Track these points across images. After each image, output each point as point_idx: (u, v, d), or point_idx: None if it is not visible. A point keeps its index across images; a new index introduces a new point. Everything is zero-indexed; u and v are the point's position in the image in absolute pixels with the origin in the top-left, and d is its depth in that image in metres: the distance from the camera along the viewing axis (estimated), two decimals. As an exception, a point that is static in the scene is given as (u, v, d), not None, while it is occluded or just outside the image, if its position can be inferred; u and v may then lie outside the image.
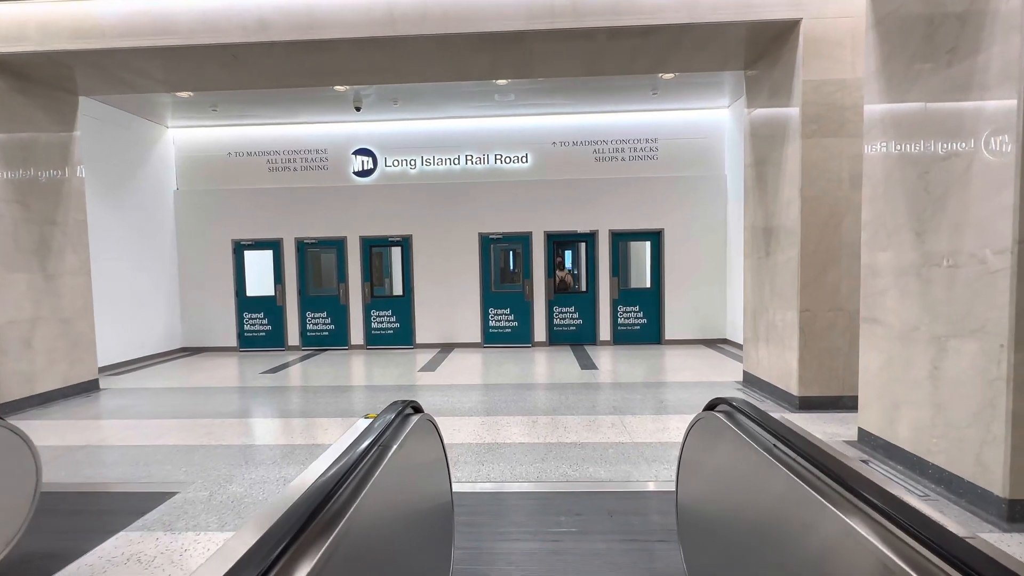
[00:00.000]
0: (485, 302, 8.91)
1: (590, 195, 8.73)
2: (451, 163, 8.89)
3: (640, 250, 9.06)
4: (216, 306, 9.10)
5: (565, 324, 9.00)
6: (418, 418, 2.00)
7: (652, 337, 8.90)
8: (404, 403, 1.98)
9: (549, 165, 8.79)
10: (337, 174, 8.99)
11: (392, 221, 8.91)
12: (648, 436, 4.18)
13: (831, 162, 4.65)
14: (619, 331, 8.91)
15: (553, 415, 4.82)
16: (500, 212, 8.80)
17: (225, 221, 9.04)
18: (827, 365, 4.75)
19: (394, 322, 9.04)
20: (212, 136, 9.01)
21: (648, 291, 8.92)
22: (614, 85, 7.32)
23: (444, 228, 8.87)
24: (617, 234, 8.80)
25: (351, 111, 8.19)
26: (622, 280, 8.92)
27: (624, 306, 8.90)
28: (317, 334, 9.13)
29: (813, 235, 4.69)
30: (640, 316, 8.91)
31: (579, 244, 9.02)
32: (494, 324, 8.94)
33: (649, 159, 8.73)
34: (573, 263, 9.23)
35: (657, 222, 8.72)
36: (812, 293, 4.71)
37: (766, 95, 5.30)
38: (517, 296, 8.91)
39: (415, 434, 1.90)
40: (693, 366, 7.02)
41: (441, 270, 8.90)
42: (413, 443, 1.86)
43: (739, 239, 8.00)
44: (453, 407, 5.17)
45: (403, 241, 8.95)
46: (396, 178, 8.95)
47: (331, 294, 9.12)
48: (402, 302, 9.02)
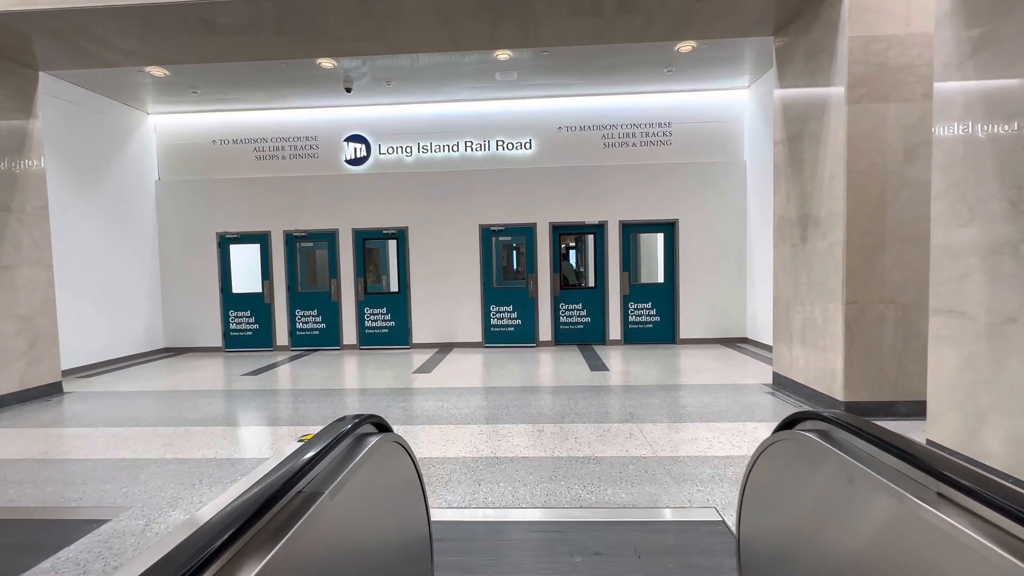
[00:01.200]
0: (486, 299, 8.33)
1: (598, 184, 8.13)
2: (449, 150, 8.31)
3: (653, 243, 8.45)
4: (200, 304, 8.55)
5: (572, 322, 8.40)
6: (378, 440, 1.41)
7: (666, 336, 8.28)
8: (357, 420, 1.39)
9: (554, 152, 8.20)
10: (328, 162, 8.43)
11: (387, 213, 8.34)
12: (672, 448, 3.57)
13: (882, 131, 4.03)
14: (630, 329, 8.30)
15: (561, 423, 4.21)
16: (502, 202, 8.22)
17: (210, 213, 8.49)
18: (877, 366, 4.12)
19: (389, 321, 8.46)
20: (195, 123, 8.47)
21: (661, 287, 8.30)
22: (625, 61, 6.72)
23: (442, 220, 8.29)
24: (628, 225, 8.20)
25: (342, 94, 7.63)
26: (633, 275, 8.31)
27: (635, 303, 8.29)
28: (307, 333, 8.56)
29: (861, 216, 4.07)
30: (653, 313, 8.29)
31: (587, 236, 8.42)
32: (496, 322, 8.35)
33: (662, 144, 8.12)
34: (580, 257, 8.63)
35: (671, 212, 8.11)
36: (860, 283, 4.09)
37: (802, 60, 4.68)
38: (520, 292, 8.31)
39: (371, 463, 1.31)
40: (713, 367, 6.39)
41: (439, 265, 8.32)
42: (366, 477, 1.27)
43: (760, 230, 7.38)
44: (449, 413, 4.58)
45: (398, 234, 8.37)
46: (391, 166, 8.37)
47: (322, 291, 8.55)
48: (398, 299, 8.44)
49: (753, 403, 4.68)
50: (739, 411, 4.43)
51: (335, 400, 5.19)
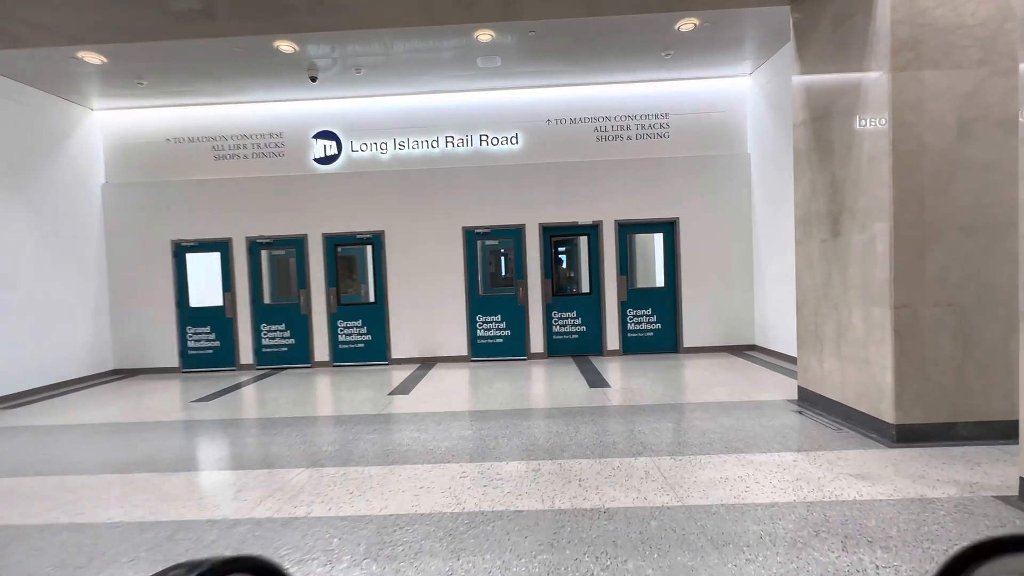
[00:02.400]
0: (472, 308, 7.60)
1: (592, 181, 7.48)
2: (429, 146, 7.60)
3: (651, 244, 7.81)
4: (154, 320, 7.69)
5: (566, 332, 7.70)
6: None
7: (668, 345, 7.61)
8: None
9: (543, 147, 7.54)
10: (295, 161, 7.67)
11: (361, 215, 7.59)
12: (701, 493, 2.87)
13: (932, 103, 3.41)
14: (629, 339, 7.62)
15: (561, 458, 3.49)
16: (487, 202, 7.52)
17: (163, 219, 7.66)
18: (934, 380, 3.48)
19: (365, 334, 7.68)
20: (146, 119, 7.66)
21: (662, 291, 7.65)
22: (620, 44, 6.09)
23: (422, 222, 7.56)
24: (624, 225, 7.54)
25: (309, 86, 6.89)
26: (631, 279, 7.65)
27: (634, 309, 7.62)
28: (274, 350, 7.74)
29: (910, 203, 3.44)
30: (653, 320, 7.63)
31: (580, 238, 7.75)
32: (483, 334, 7.61)
33: (659, 137, 7.50)
34: (573, 261, 7.95)
35: (670, 210, 7.47)
36: (910, 283, 3.45)
37: (828, 27, 4.07)
38: (509, 300, 7.60)
39: None
40: (725, 380, 5.73)
41: (419, 272, 7.58)
42: None
43: (767, 227, 6.77)
44: (426, 447, 3.83)
45: (374, 239, 7.62)
46: (364, 165, 7.64)
47: (290, 303, 7.75)
48: (374, 310, 7.67)
49: (783, 426, 4.00)
50: (769, 437, 3.75)
51: (293, 433, 4.41)
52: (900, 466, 3.12)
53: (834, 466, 3.17)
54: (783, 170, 6.33)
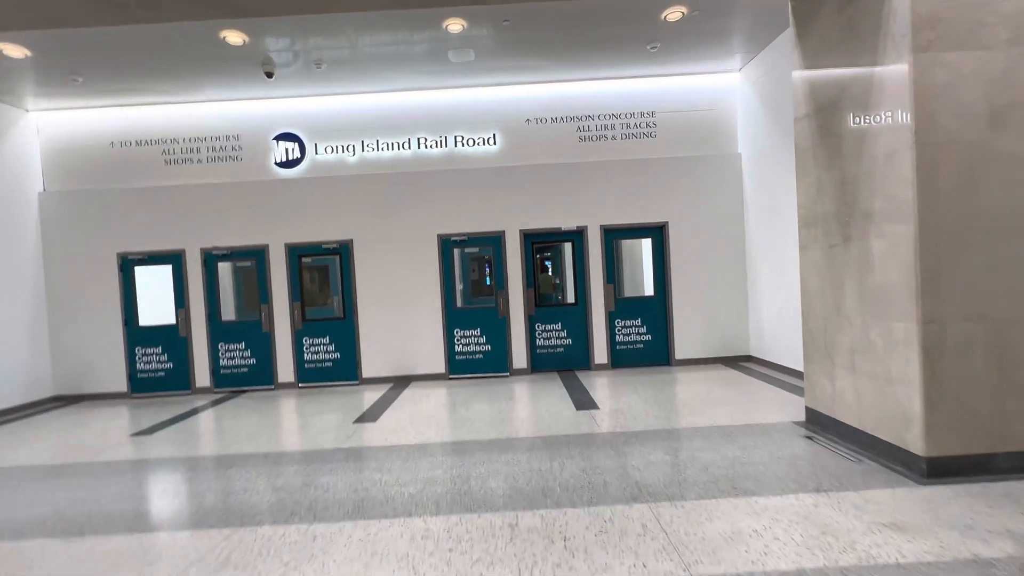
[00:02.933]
0: (449, 322, 7.05)
1: (575, 183, 7.01)
2: (399, 148, 7.06)
3: (639, 250, 7.36)
4: (99, 340, 7.00)
5: (551, 345, 7.19)
6: None
7: (659, 357, 7.15)
8: None
9: (523, 148, 7.05)
10: (254, 166, 7.07)
11: (327, 223, 7.01)
12: (711, 558, 2.36)
13: (959, 89, 3.00)
14: (618, 351, 7.14)
15: (543, 507, 2.97)
16: (464, 208, 7.00)
17: (109, 230, 6.99)
18: (967, 405, 3.04)
19: (333, 352, 7.08)
20: (89, 121, 7.00)
21: (651, 300, 7.19)
22: (603, 35, 5.64)
23: (394, 230, 7.01)
24: (610, 231, 7.08)
25: (267, 83, 6.32)
26: (619, 288, 7.18)
27: (623, 320, 7.15)
28: (234, 371, 7.09)
29: (939, 203, 3.01)
30: (643, 332, 7.16)
31: (564, 245, 7.27)
32: (461, 349, 7.07)
33: (645, 137, 7.08)
34: (557, 270, 7.47)
35: (658, 214, 7.04)
36: (939, 293, 3.02)
37: (834, 8, 3.65)
38: (489, 313, 7.07)
39: None
40: (724, 397, 5.27)
41: (391, 284, 7.02)
42: None
43: (761, 231, 6.36)
44: (386, 495, 3.27)
45: (341, 249, 7.04)
46: (330, 169, 7.07)
47: (251, 320, 7.12)
48: (342, 326, 7.08)
49: (794, 457, 3.54)
50: (782, 473, 3.28)
51: (237, 476, 3.81)
52: (940, 511, 2.66)
53: (863, 512, 2.69)
54: (777, 170, 5.93)
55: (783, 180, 5.80)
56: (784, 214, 5.80)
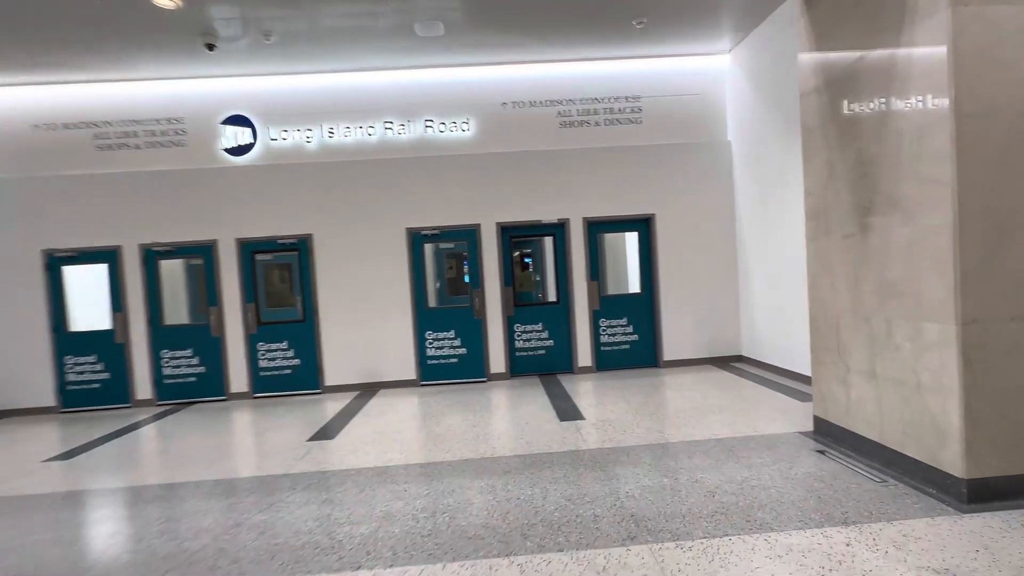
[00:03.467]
0: (420, 323, 6.47)
1: (556, 173, 6.50)
2: (364, 133, 6.44)
3: (624, 245, 6.90)
4: (21, 349, 6.20)
5: (531, 348, 6.68)
6: None
7: (647, 358, 6.70)
8: None
9: (499, 134, 6.51)
10: (200, 152, 6.35)
11: (283, 217, 6.35)
12: (734, 619, 1.87)
13: (1002, 49, 2.57)
14: (603, 352, 6.67)
15: (521, 552, 2.44)
16: (435, 199, 6.42)
17: (31, 224, 6.19)
18: (1011, 418, 2.62)
19: (292, 358, 6.43)
20: (6, 100, 6.18)
21: (638, 298, 6.74)
22: (585, 10, 5.13)
23: (358, 224, 6.39)
24: (594, 223, 6.60)
25: (212, 59, 5.63)
26: (603, 285, 6.71)
27: (608, 319, 6.68)
28: (179, 381, 6.38)
29: (981, 184, 2.58)
30: (630, 331, 6.70)
31: (544, 240, 6.75)
32: (434, 353, 6.50)
33: (630, 123, 6.61)
34: (538, 266, 6.95)
35: (645, 205, 6.58)
36: (980, 290, 2.59)
37: (850, -36, 3.20)
38: (464, 313, 6.51)
39: None
40: (719, 404, 4.83)
41: (356, 282, 6.40)
42: None
43: (752, 222, 5.96)
44: (332, 537, 2.70)
45: (300, 244, 6.39)
46: (286, 156, 6.40)
47: (198, 323, 6.41)
48: (302, 330, 6.43)
49: (809, 477, 3.09)
50: (799, 498, 2.82)
51: (155, 515, 3.19)
52: (996, 549, 2.23)
53: (905, 552, 2.25)
54: (771, 158, 5.53)
55: (777, 168, 5.40)
56: (779, 204, 5.40)
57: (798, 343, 5.12)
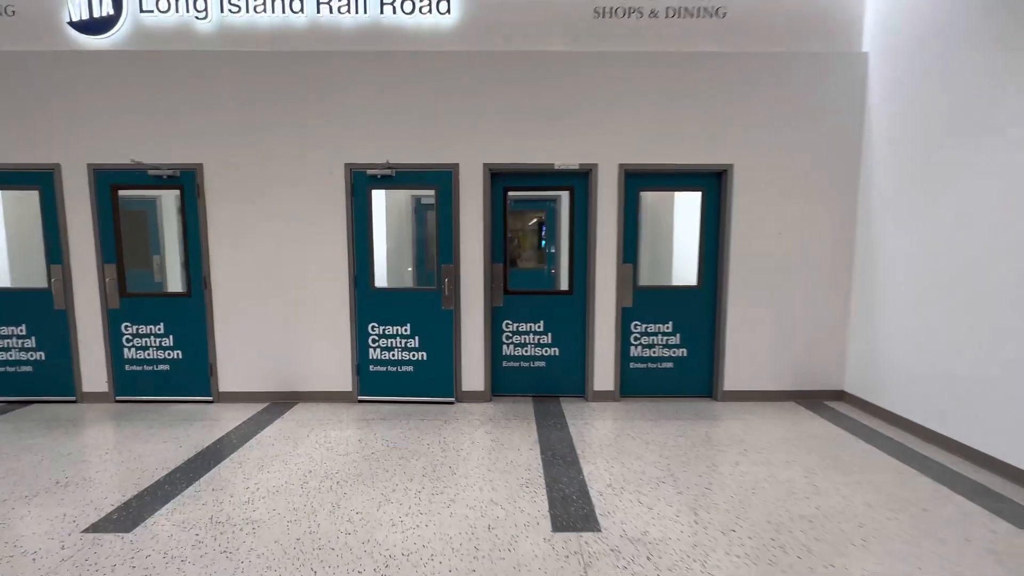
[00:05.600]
0: (361, 310, 4.32)
1: (581, 89, 4.16)
2: (286, 11, 4.14)
3: (677, 210, 4.60)
4: None
5: (526, 356, 4.51)
6: None
7: (697, 385, 4.49)
8: None
9: (495, 23, 4.15)
10: (35, 28, 4.15)
11: (161, 135, 4.17)
12: None
13: None
14: (632, 372, 4.47)
15: None
16: (393, 121, 4.16)
17: None
18: None
19: (171, 348, 4.37)
20: None
21: (692, 294, 4.46)
22: None
23: (273, 151, 4.18)
24: (636, 174, 4.28)
25: None
26: (641, 270, 4.44)
27: (644, 322, 4.44)
28: (7, 372, 4.38)
29: None
30: (675, 343, 4.47)
31: (558, 195, 4.48)
32: (380, 356, 4.37)
33: (708, 16, 4.18)
34: (546, 235, 4.69)
35: (718, 151, 4.22)
36: None
37: None
38: (427, 298, 4.33)
39: None
40: (849, 500, 2.63)
41: (268, 242, 4.25)
42: None
43: (901, 186, 3.51)
44: None
45: (185, 179, 4.22)
46: (166, 40, 4.16)
47: (35, 287, 4.35)
48: (186, 308, 4.34)
49: None
50: None
51: None
52: None
53: None
54: (956, 79, 3.10)
55: (970, 94, 3.00)
56: (962, 159, 3.02)
57: (992, 402, 2.85)
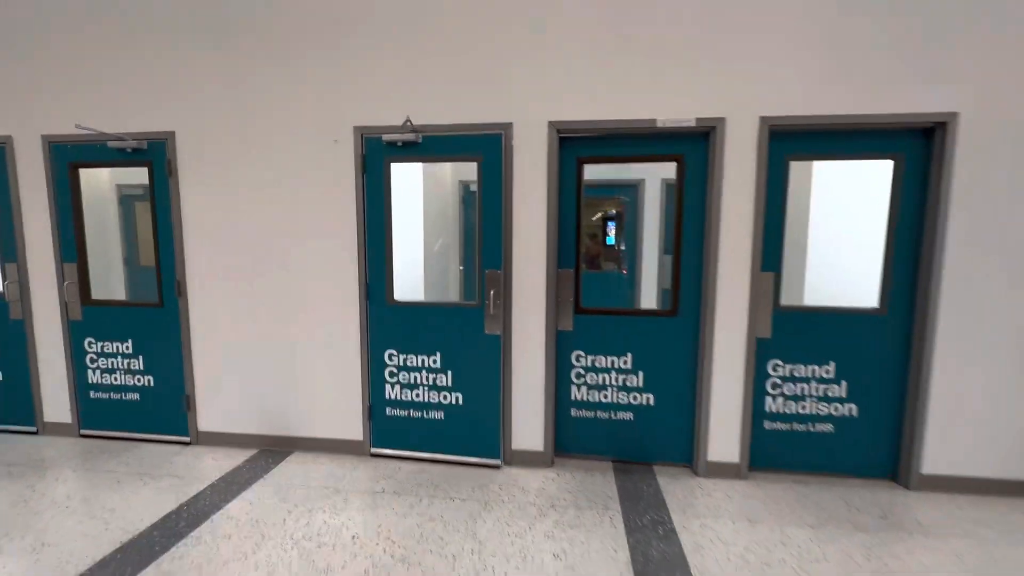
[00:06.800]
0: (375, 331, 3.12)
1: (693, 8, 2.69)
2: (277, -87, 3.00)
3: (817, 191, 3.02)
4: None
5: (604, 403, 3.12)
6: None
7: (871, 459, 2.90)
8: None
9: (573, -89, 2.78)
10: (-18, -39, 3.28)
11: (120, 95, 3.18)
12: None
13: None
14: (767, 434, 2.96)
15: None
16: (420, 63, 2.90)
17: None
18: None
19: (140, 371, 3.40)
20: None
21: (870, 320, 2.86)
22: None
23: (257, 114, 3.06)
24: (784, 135, 2.75)
25: None
26: (783, 286, 2.91)
27: (789, 360, 2.91)
28: (-34, 391, 3.61)
29: None
30: (838, 392, 2.90)
31: (656, 167, 3.04)
32: (398, 396, 3.15)
33: None
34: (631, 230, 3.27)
35: (932, 90, 2.60)
36: None
37: None
38: (464, 317, 3.04)
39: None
40: None
41: (256, 233, 3.15)
42: None
43: None
44: None
45: (153, 151, 3.20)
46: (128, -34, 3.15)
47: (-8, 291, 3.53)
48: (157, 321, 3.34)
49: None
50: None
51: None
52: None
53: None
54: None
55: None
56: None
57: None
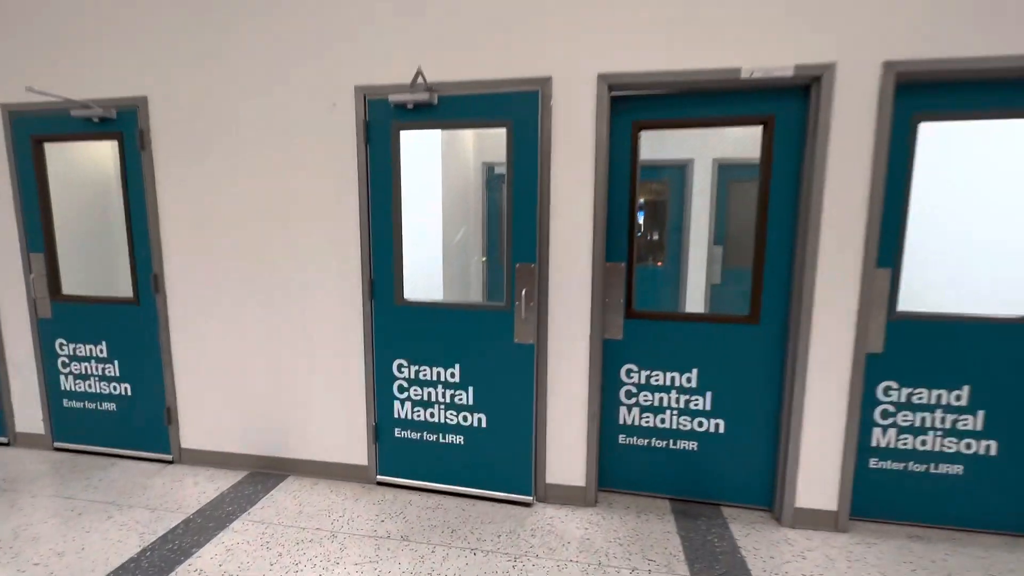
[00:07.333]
0: (381, 337, 2.58)
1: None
2: None
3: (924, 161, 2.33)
4: None
5: (662, 429, 2.52)
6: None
7: (1013, 510, 2.24)
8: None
9: None
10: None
11: (87, 58, 2.69)
12: None
13: None
14: (874, 475, 2.32)
15: None
16: (432, 9, 2.32)
17: None
18: None
19: (115, 378, 2.95)
20: None
21: (1016, 332, 2.19)
22: None
23: (239, 73, 2.53)
24: (916, 86, 2.08)
25: None
26: (896, 288, 2.25)
27: (907, 384, 2.26)
28: (-66, 395, 3.23)
29: None
30: (970, 425, 2.24)
31: (737, 133, 2.40)
32: (409, 415, 2.61)
33: None
34: (672, 214, 2.64)
35: (1124, 26, 1.89)
36: None
37: None
38: (488, 322, 2.47)
39: None
40: None
41: (243, 217, 2.64)
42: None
43: None
44: None
45: (122, 120, 2.71)
46: None
47: (-43, 284, 3.12)
48: (135, 319, 2.87)
49: None
50: None
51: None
52: None
53: None
54: None
55: None
56: None
57: None
